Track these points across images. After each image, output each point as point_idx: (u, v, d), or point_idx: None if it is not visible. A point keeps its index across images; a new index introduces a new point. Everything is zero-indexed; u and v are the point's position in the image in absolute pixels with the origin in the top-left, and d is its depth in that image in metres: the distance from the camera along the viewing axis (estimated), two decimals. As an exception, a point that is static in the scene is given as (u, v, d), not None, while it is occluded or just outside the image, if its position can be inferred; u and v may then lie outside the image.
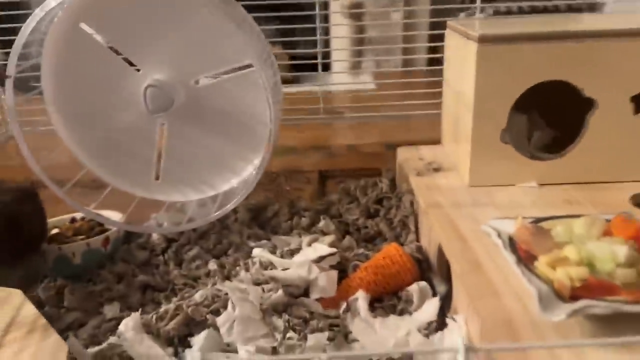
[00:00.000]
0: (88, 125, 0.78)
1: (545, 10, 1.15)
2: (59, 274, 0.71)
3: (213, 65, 0.73)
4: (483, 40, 0.62)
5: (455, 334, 0.51)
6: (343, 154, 1.18)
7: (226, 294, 0.63)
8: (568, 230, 0.50)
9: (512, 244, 0.49)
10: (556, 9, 1.05)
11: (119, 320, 0.64)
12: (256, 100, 0.74)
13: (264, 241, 0.77)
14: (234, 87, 0.74)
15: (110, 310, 0.66)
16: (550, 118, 0.73)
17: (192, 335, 0.59)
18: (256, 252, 0.72)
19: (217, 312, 0.61)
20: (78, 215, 0.80)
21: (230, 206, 0.72)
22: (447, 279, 0.63)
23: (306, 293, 0.66)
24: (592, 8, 1.11)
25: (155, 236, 0.79)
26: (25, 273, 0.67)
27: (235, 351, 0.57)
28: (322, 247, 0.70)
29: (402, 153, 0.84)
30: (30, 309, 0.52)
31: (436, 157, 0.80)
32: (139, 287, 0.70)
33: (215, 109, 0.76)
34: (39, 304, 0.65)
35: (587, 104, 0.66)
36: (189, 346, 0.58)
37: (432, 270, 0.67)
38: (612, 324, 0.41)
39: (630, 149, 0.67)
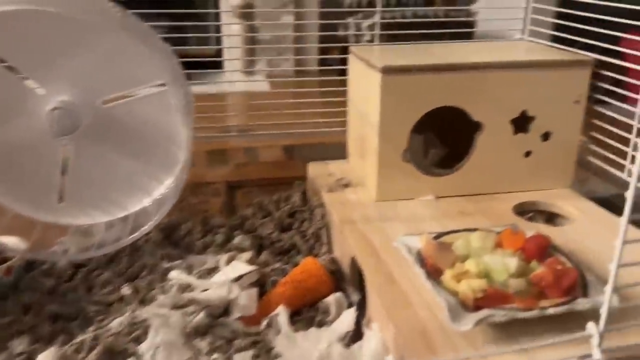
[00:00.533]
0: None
1: (425, 16, 1.33)
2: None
3: (122, 85, 0.72)
4: (386, 71, 0.68)
5: (372, 343, 0.56)
6: (249, 163, 1.19)
7: (144, 320, 0.62)
8: (466, 244, 0.57)
9: (420, 259, 0.55)
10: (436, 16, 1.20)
11: (29, 355, 0.61)
12: (168, 120, 0.74)
13: (179, 261, 0.77)
14: (144, 107, 0.73)
15: (19, 344, 0.63)
16: (444, 138, 0.82)
17: (113, 366, 0.58)
18: (173, 274, 0.72)
19: (137, 340, 0.61)
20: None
21: (146, 228, 0.71)
22: (360, 288, 0.68)
23: (226, 312, 0.67)
24: (469, 15, 1.26)
25: (61, 262, 0.75)
26: None
27: (161, 378, 0.57)
28: (240, 266, 0.71)
29: (313, 169, 0.88)
30: None
31: (345, 173, 0.85)
32: (49, 317, 0.67)
33: (125, 129, 0.75)
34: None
35: (475, 126, 0.75)
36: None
37: (346, 280, 0.72)
38: (509, 328, 0.48)
39: (512, 164, 0.77)
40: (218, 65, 1.33)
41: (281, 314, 0.65)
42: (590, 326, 0.37)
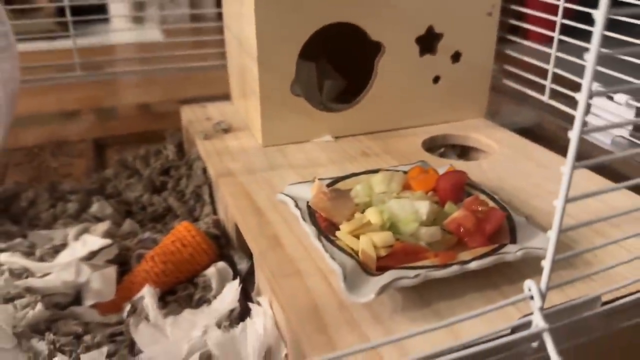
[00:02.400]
0: None
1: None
2: None
3: None
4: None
5: (259, 322, 0.44)
6: (124, 116, 1.01)
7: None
8: (367, 189, 0.45)
9: (310, 212, 0.43)
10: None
11: None
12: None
13: (19, 240, 0.60)
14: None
15: None
16: (341, 67, 0.69)
17: None
18: (3, 257, 0.55)
19: (-54, 351, 0.45)
20: None
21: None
22: (249, 254, 0.55)
23: (77, 300, 0.52)
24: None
25: None
26: None
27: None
28: (92, 239, 0.56)
29: (187, 113, 0.73)
30: None
31: (225, 116, 0.70)
32: None
33: None
34: None
35: (376, 48, 0.62)
36: None
37: (232, 245, 0.59)
38: (422, 290, 0.37)
39: (419, 92, 0.66)
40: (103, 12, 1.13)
41: (147, 296, 0.51)
42: (529, 284, 0.27)
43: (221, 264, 0.55)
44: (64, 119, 0.97)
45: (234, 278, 0.54)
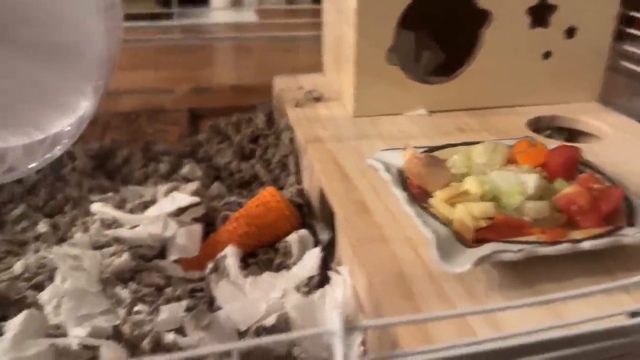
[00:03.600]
0: None
1: None
2: None
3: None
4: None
5: (338, 291, 0.42)
6: (218, 90, 1.04)
7: (53, 262, 0.49)
8: (466, 159, 0.42)
9: (402, 178, 0.40)
10: None
11: None
12: (88, 21, 0.58)
13: (110, 194, 0.62)
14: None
15: None
16: (441, 37, 0.65)
17: (7, 318, 0.45)
18: (95, 207, 0.57)
19: (40, 287, 0.47)
20: None
21: (57, 151, 0.56)
22: (331, 225, 0.54)
23: (162, 254, 0.53)
24: None
25: (-38, 193, 0.61)
26: None
27: (65, 335, 0.43)
28: (181, 197, 0.57)
29: (279, 83, 0.72)
30: None
31: (317, 86, 0.69)
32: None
33: (33, 27, 0.58)
34: None
35: (482, 17, 0.58)
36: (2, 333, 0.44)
37: (315, 216, 0.57)
38: (524, 270, 0.34)
39: (526, 68, 0.61)
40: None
41: (229, 255, 0.51)
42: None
43: (303, 232, 0.54)
44: (161, 90, 1.00)
45: (315, 247, 0.53)
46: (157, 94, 1.01)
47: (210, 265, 0.51)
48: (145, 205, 0.59)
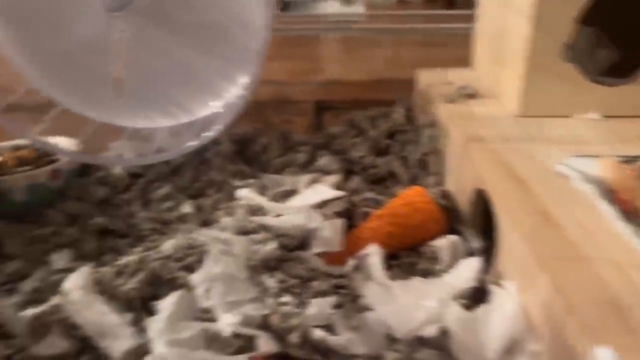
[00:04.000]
0: (33, 29, 0.61)
1: None
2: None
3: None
4: None
5: (507, 308, 0.38)
6: (347, 83, 1.03)
7: (203, 244, 0.49)
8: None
9: (606, 190, 0.35)
10: None
11: (69, 272, 0.50)
12: (244, 3, 0.58)
13: (251, 180, 0.63)
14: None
15: (60, 259, 0.52)
16: (618, 34, 0.58)
17: (158, 297, 0.46)
18: (242, 193, 0.58)
19: (190, 268, 0.48)
20: (23, 142, 0.64)
21: (213, 133, 0.57)
22: (485, 232, 0.50)
23: (302, 246, 0.52)
24: None
25: (117, 170, 0.64)
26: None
27: (214, 319, 0.44)
28: (325, 190, 0.56)
29: (425, 77, 0.69)
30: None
31: (467, 81, 0.65)
32: (96, 232, 0.56)
33: (191, 10, 0.60)
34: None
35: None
36: (153, 312, 0.45)
37: (462, 221, 0.54)
38: None
39: None
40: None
41: (373, 254, 0.49)
42: None
43: (454, 237, 0.51)
44: (290, 82, 1.01)
45: (466, 255, 0.50)
46: (282, 85, 1.02)
47: (351, 262, 0.50)
48: (286, 194, 0.59)
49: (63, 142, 0.62)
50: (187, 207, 0.59)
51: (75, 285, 0.45)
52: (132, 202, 0.61)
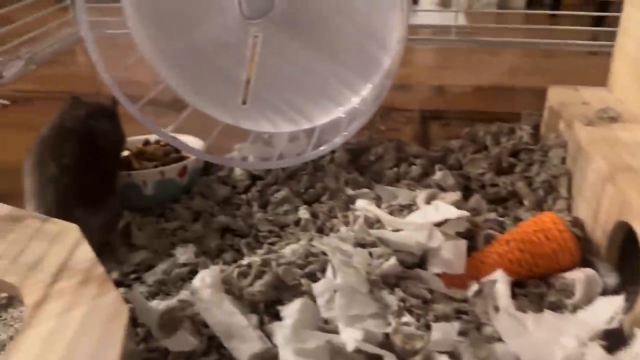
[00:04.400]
0: (170, 30, 0.64)
1: None
2: (126, 205, 0.60)
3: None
4: None
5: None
6: (455, 93, 1.01)
7: (324, 253, 0.49)
8: None
9: None
10: None
11: (192, 267, 0.53)
12: (379, 16, 0.58)
13: (365, 190, 0.62)
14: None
15: (184, 253, 0.55)
16: None
17: (280, 302, 0.46)
18: (360, 204, 0.57)
19: (312, 276, 0.48)
20: (152, 137, 0.68)
21: (336, 142, 0.57)
22: (624, 268, 0.47)
23: (420, 264, 0.51)
24: None
25: (238, 171, 0.66)
26: (106, 220, 0.55)
27: (335, 331, 0.44)
28: (448, 208, 0.54)
29: (556, 94, 0.65)
30: (86, 252, 0.41)
31: (605, 103, 0.61)
32: (218, 229, 0.58)
33: (323, 19, 0.60)
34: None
35: None
36: (276, 315, 0.45)
37: (595, 253, 0.50)
38: None
39: None
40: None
41: (500, 281, 0.47)
42: None
43: (590, 271, 0.47)
44: (398, 90, 1.00)
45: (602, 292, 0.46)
46: (393, 92, 1.02)
47: (474, 287, 0.48)
48: (402, 208, 0.58)
49: (191, 141, 0.65)
50: (302, 212, 0.59)
51: (205, 283, 0.46)
52: (251, 202, 0.62)
